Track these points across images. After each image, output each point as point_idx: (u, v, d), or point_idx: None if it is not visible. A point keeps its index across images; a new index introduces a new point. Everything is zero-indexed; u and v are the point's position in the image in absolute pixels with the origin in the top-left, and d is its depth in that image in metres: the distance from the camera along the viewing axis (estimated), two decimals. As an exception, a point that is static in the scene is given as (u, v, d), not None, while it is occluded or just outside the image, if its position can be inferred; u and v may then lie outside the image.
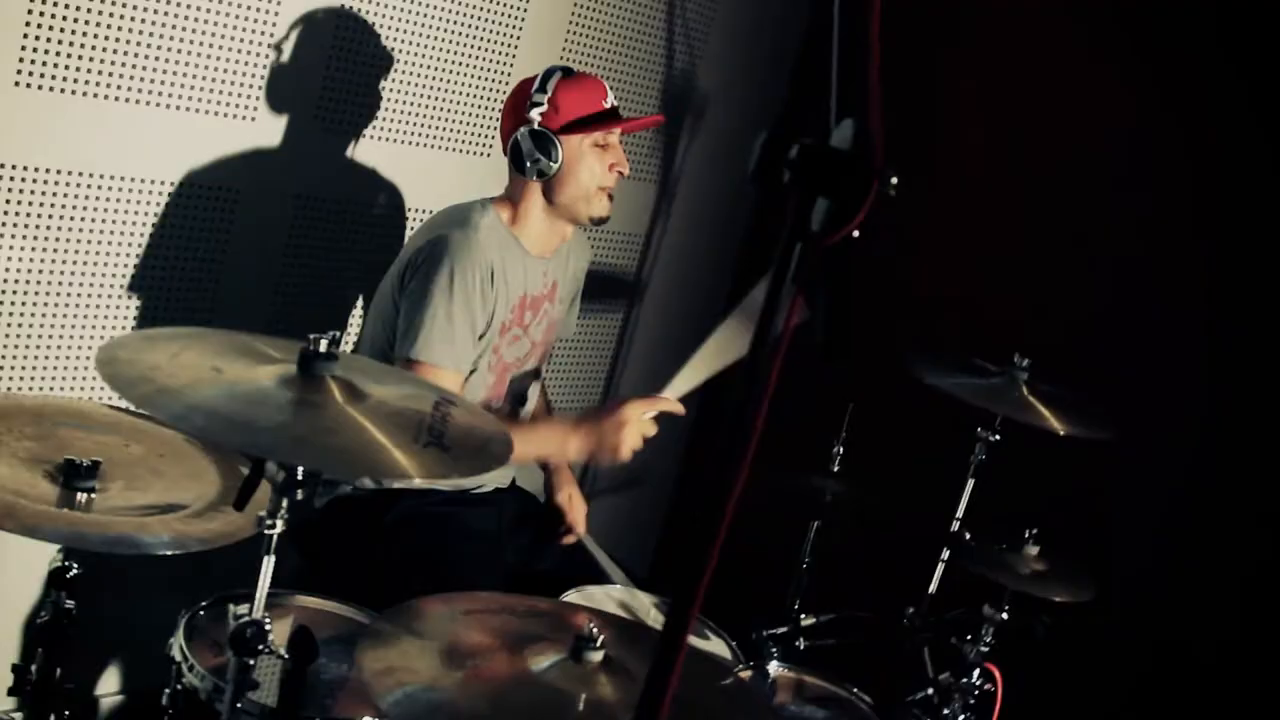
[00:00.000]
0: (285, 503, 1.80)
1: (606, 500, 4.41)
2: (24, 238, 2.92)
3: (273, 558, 1.84)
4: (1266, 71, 3.54)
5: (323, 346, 1.83)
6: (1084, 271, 3.86)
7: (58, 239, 2.98)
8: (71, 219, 2.98)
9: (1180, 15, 3.66)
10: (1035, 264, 3.93)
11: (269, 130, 3.24)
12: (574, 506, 3.43)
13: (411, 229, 3.68)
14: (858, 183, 1.18)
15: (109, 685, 3.55)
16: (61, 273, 3.01)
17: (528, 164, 3.06)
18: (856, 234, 1.19)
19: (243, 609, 1.87)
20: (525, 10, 3.70)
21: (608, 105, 3.12)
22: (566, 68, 3.13)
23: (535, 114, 3.04)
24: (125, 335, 1.95)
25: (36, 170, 2.88)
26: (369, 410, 1.86)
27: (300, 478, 1.77)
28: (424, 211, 3.68)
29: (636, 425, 2.96)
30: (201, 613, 2.49)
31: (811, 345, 1.17)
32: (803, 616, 2.99)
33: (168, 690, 2.34)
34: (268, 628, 1.86)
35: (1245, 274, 3.60)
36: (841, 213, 1.19)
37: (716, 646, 2.91)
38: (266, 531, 1.82)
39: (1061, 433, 3.00)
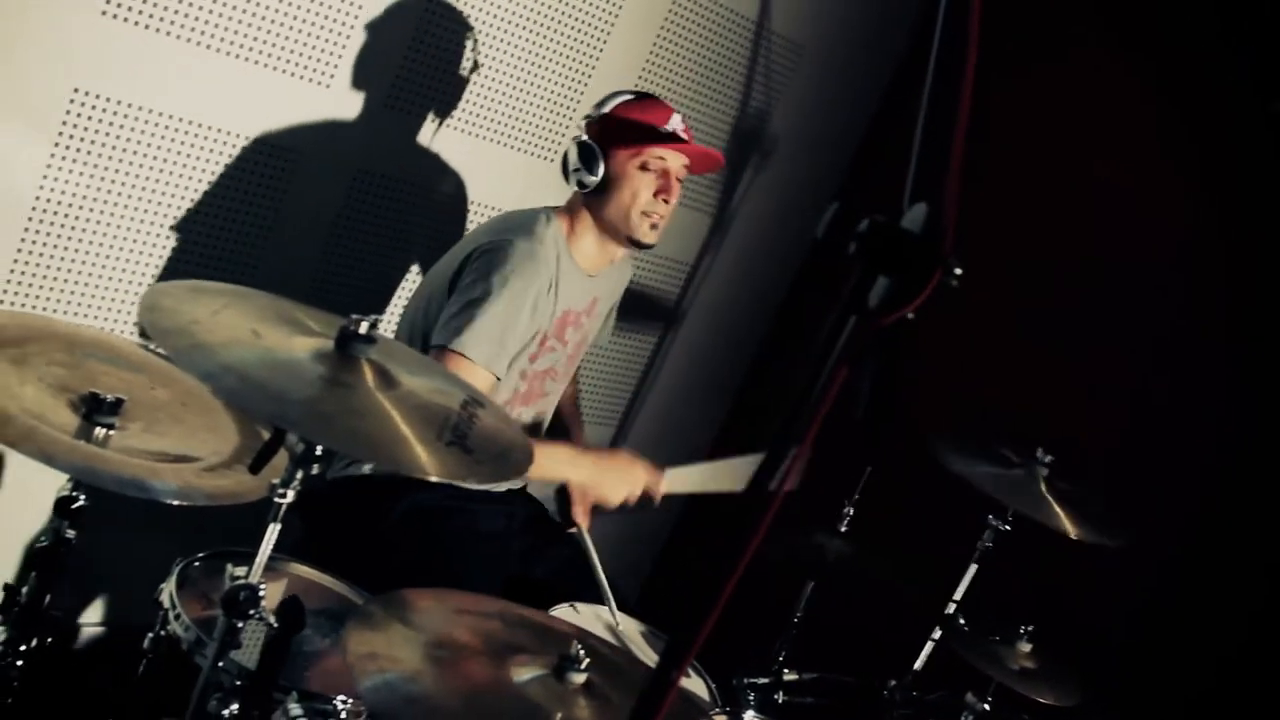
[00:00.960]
0: (301, 474, 1.81)
1: (609, 519, 4.41)
2: (85, 164, 2.94)
3: (279, 525, 1.85)
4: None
5: (363, 328, 1.83)
6: (1121, 377, 3.86)
7: (116, 171, 2.99)
8: (133, 153, 3.00)
9: (1223, 114, 3.67)
10: (1072, 361, 3.92)
11: (342, 100, 3.26)
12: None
13: (471, 222, 3.70)
14: (922, 268, 1.18)
15: (91, 616, 3.56)
16: (114, 205, 3.03)
17: (570, 173, 3.09)
18: (911, 318, 1.19)
19: (240, 570, 1.88)
20: (613, 23, 3.72)
21: (666, 129, 3.09)
22: (643, 92, 3.14)
23: (586, 125, 3.08)
24: (172, 284, 1.95)
25: (107, 100, 2.90)
26: (398, 399, 1.87)
27: (319, 453, 1.78)
28: (484, 206, 3.69)
29: (635, 485, 3.08)
30: (196, 564, 2.51)
31: (852, 418, 1.17)
32: (786, 671, 2.98)
33: (150, 634, 2.35)
34: (262, 593, 1.87)
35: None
36: (900, 295, 1.19)
37: (695, 686, 2.90)
38: (277, 499, 1.82)
39: (1073, 535, 2.98)
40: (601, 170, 3.05)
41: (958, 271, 1.19)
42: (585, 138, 3.07)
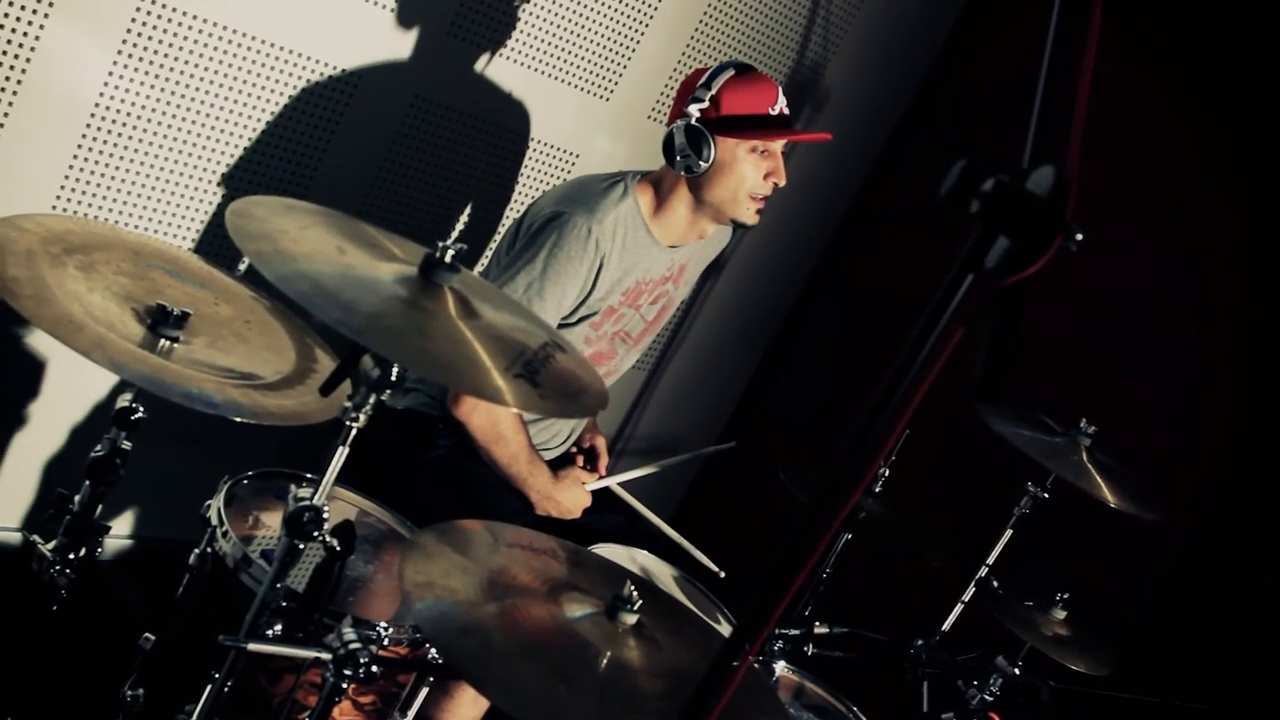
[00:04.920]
0: (373, 399, 1.80)
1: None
2: (146, 73, 2.92)
3: (346, 449, 1.85)
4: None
5: (448, 256, 1.82)
6: (1167, 352, 3.86)
7: (176, 83, 2.98)
8: (194, 65, 2.99)
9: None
10: (1120, 337, 3.92)
11: (403, 23, 3.23)
12: (602, 451, 3.49)
13: (523, 155, 3.68)
14: (1044, 231, 1.17)
15: (120, 529, 3.58)
16: (172, 117, 3.02)
17: (678, 158, 3.01)
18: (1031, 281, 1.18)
19: (304, 492, 1.87)
20: (678, -35, 3.68)
21: (774, 112, 3.01)
22: (744, 65, 3.05)
23: (695, 109, 2.98)
24: (266, 197, 1.93)
25: (173, 10, 2.88)
26: (476, 328, 1.86)
27: (394, 378, 1.77)
28: (537, 141, 3.67)
29: (580, 493, 3.20)
30: (245, 483, 2.52)
31: (966, 379, 1.16)
32: (816, 624, 2.98)
33: (196, 550, 2.36)
34: (325, 516, 1.87)
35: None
36: (1020, 257, 1.17)
37: (727, 633, 2.91)
38: (349, 422, 1.82)
39: (1113, 504, 2.98)
40: (712, 156, 3.00)
41: (1079, 237, 1.17)
42: (694, 121, 2.98)
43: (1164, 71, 3.95)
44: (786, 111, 3.05)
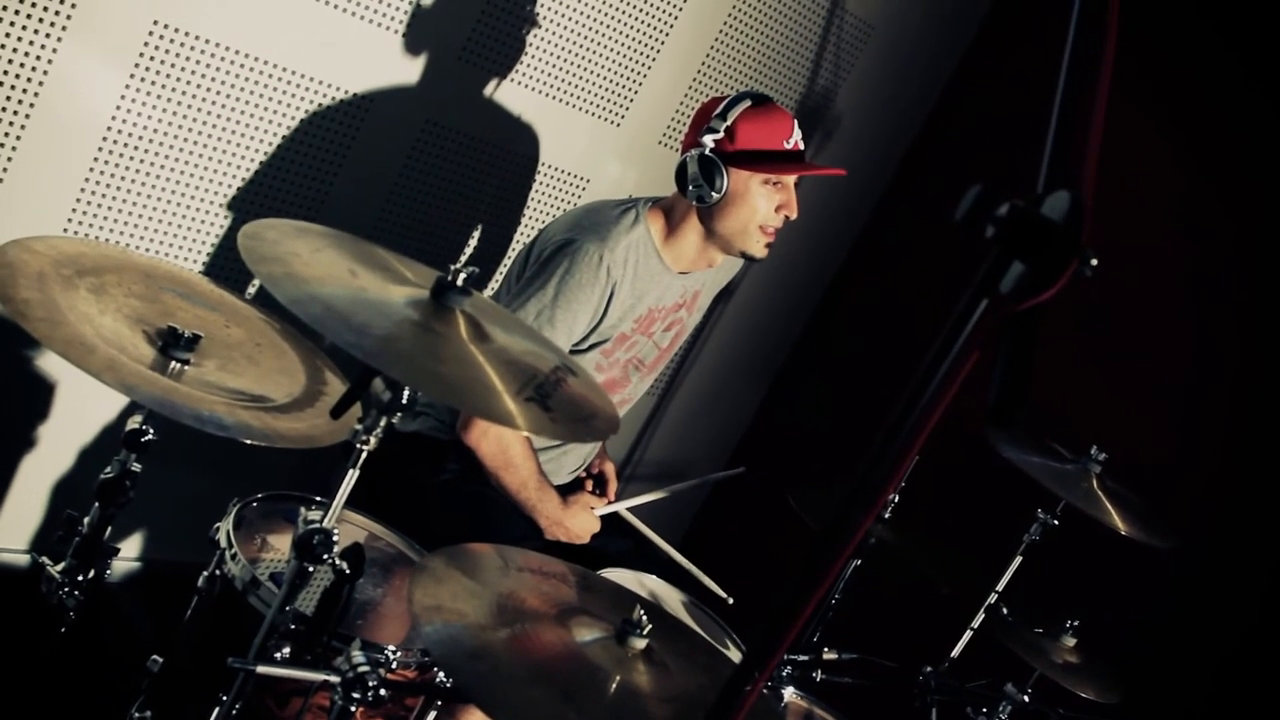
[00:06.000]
0: (384, 422, 1.80)
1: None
2: (159, 97, 2.93)
3: (356, 472, 1.84)
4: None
5: (460, 279, 1.83)
6: (1179, 379, 3.85)
7: (189, 107, 2.99)
8: (207, 89, 3.00)
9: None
10: (1132, 363, 3.92)
11: (414, 48, 3.24)
12: (611, 476, 3.50)
13: (533, 180, 3.68)
14: (1059, 256, 1.16)
15: (129, 551, 3.58)
16: (184, 140, 3.03)
17: (690, 188, 3.00)
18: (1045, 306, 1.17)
19: (314, 514, 1.87)
20: (689, -9, 3.69)
21: (788, 146, 2.99)
22: (760, 95, 3.03)
23: (709, 139, 2.96)
24: (278, 220, 1.94)
25: (185, 34, 2.89)
26: (487, 351, 1.86)
27: (405, 401, 1.77)
28: (547, 165, 3.68)
29: (589, 519, 3.18)
30: (254, 505, 2.52)
31: (981, 406, 1.15)
32: (826, 650, 2.97)
33: (205, 573, 2.36)
34: (335, 539, 1.87)
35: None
36: (1036, 282, 1.17)
37: (737, 659, 2.90)
38: (359, 445, 1.82)
39: (1123, 532, 2.97)
40: (725, 187, 2.99)
41: (1094, 262, 1.17)
42: (708, 152, 2.97)
43: (1177, 98, 3.95)
44: (801, 145, 3.03)
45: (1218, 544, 3.65)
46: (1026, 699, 3.00)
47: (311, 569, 1.88)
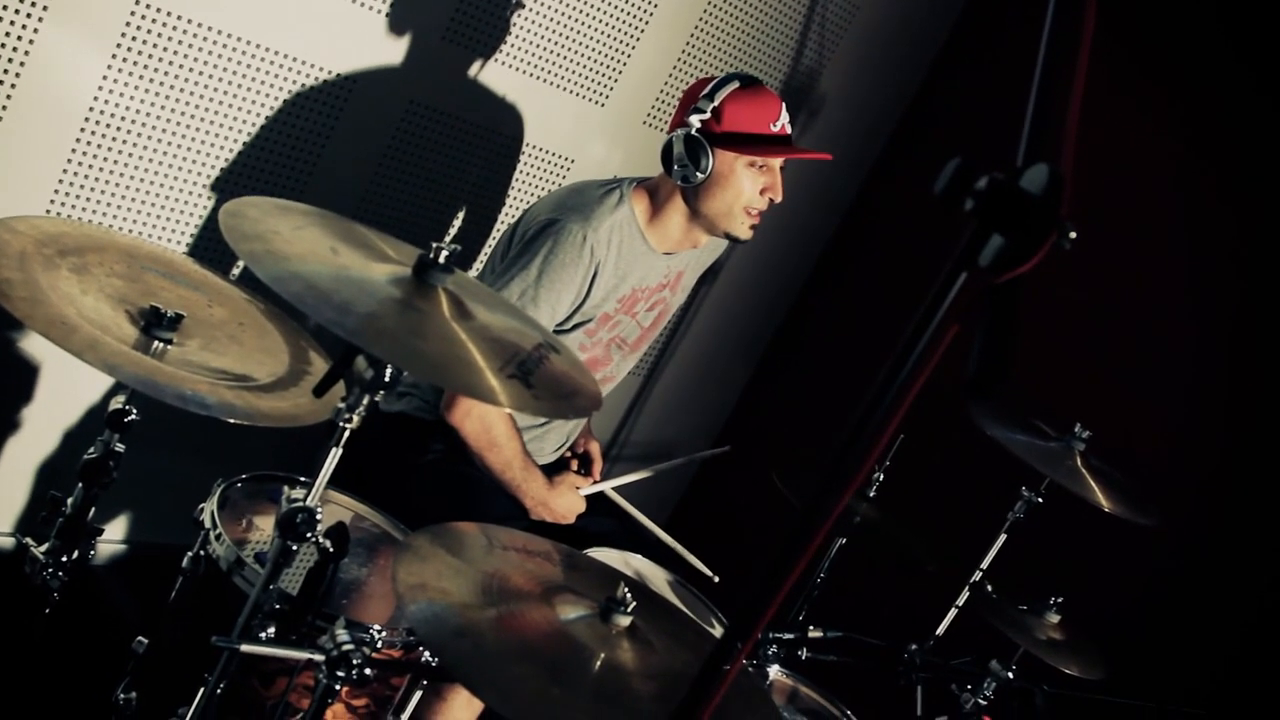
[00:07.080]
0: (366, 400, 1.80)
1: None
2: (141, 77, 2.92)
3: (340, 450, 1.84)
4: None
5: (441, 256, 1.82)
6: (1162, 359, 3.86)
7: (171, 87, 2.98)
8: (189, 69, 2.98)
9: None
10: (1116, 342, 3.92)
11: (398, 28, 3.23)
12: (596, 456, 3.50)
13: (518, 161, 3.67)
14: (1038, 229, 1.17)
15: (113, 532, 3.58)
16: (167, 121, 3.01)
17: (675, 168, 3.00)
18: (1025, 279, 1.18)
19: (297, 494, 1.87)
20: (673, -30, 3.68)
21: (775, 129, 2.99)
22: (749, 77, 3.03)
23: (695, 119, 2.96)
24: (259, 198, 1.93)
25: (168, 14, 2.88)
26: (469, 329, 1.86)
27: (388, 379, 1.77)
28: (532, 145, 3.67)
29: (574, 499, 3.20)
30: (238, 486, 2.51)
31: (961, 379, 1.16)
32: (811, 628, 2.98)
33: (189, 553, 2.35)
34: (319, 517, 1.87)
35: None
36: (1014, 255, 1.17)
37: (720, 636, 2.91)
38: (342, 423, 1.82)
39: (1107, 509, 2.98)
40: (710, 168, 2.99)
41: (1073, 235, 1.17)
42: (694, 132, 2.97)
43: (1165, 73, 3.95)
44: (788, 128, 3.03)
45: (1201, 521, 3.67)
46: (1011, 675, 3.02)
47: (295, 547, 1.88)
